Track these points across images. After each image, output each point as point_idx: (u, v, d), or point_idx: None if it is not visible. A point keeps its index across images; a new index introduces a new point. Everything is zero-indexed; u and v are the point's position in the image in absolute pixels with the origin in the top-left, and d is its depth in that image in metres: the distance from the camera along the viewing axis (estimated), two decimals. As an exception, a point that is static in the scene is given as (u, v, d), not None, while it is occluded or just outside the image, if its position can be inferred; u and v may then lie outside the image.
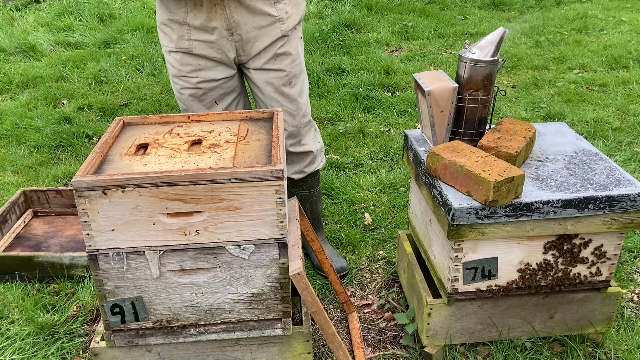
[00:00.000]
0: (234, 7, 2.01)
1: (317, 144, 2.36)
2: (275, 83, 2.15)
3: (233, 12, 2.02)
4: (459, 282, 1.82)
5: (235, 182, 1.53)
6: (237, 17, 2.03)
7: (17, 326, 2.14)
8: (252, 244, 1.62)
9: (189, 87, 2.14)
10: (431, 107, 1.87)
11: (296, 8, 2.15)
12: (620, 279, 2.36)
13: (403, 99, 4.05)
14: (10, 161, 3.35)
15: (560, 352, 1.98)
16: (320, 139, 2.39)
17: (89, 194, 1.51)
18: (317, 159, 2.36)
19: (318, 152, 2.36)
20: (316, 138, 2.37)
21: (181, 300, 1.69)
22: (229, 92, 2.19)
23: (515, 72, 4.63)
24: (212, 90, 2.15)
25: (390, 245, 2.61)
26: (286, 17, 2.11)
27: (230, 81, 2.18)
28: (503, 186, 1.63)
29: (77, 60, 4.83)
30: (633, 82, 4.29)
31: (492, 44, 1.84)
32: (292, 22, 2.13)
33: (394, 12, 6.08)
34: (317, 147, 2.36)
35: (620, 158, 3.22)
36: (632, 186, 1.74)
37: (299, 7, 2.18)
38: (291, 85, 2.18)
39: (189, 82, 2.14)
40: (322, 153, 2.41)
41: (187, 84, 2.14)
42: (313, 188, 2.42)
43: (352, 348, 2.05)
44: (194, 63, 2.11)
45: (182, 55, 2.11)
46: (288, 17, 2.11)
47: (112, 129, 1.83)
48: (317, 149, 2.35)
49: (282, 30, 2.10)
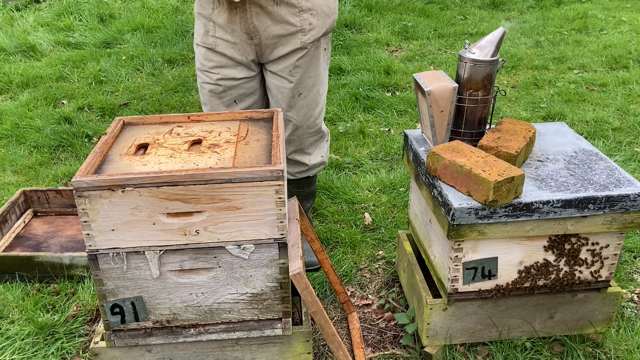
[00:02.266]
0: (256, 12, 1.98)
1: (319, 158, 2.34)
2: (286, 92, 2.13)
3: (254, 17, 1.99)
4: (459, 282, 1.82)
5: (235, 182, 1.53)
6: (257, 22, 2.00)
7: (17, 326, 2.14)
8: (252, 244, 1.62)
9: (209, 82, 2.16)
10: (431, 107, 1.87)
11: (322, 20, 2.08)
12: (620, 279, 2.36)
13: (403, 99, 4.05)
14: (10, 161, 3.35)
15: (560, 352, 1.98)
16: (324, 154, 2.36)
17: (89, 194, 1.51)
18: (312, 170, 2.36)
19: (315, 165, 2.35)
20: (320, 152, 2.34)
21: (181, 300, 1.69)
22: (249, 94, 2.19)
23: (515, 72, 4.63)
24: (231, 88, 2.14)
25: (390, 245, 2.61)
26: (309, 29, 2.05)
27: (251, 82, 2.17)
28: (503, 186, 1.63)
29: (77, 60, 4.83)
30: (633, 82, 4.29)
31: (492, 44, 1.84)
32: (315, 34, 2.08)
33: (394, 12, 6.08)
34: (317, 160, 2.33)
35: (620, 158, 3.22)
36: (632, 186, 1.74)
37: (326, 20, 2.10)
38: (302, 97, 2.15)
39: (210, 78, 2.15)
40: (321, 167, 2.39)
41: (208, 79, 2.16)
42: (302, 188, 2.41)
43: (352, 348, 2.05)
44: (216, 60, 2.11)
45: (206, 50, 2.11)
46: (311, 29, 2.06)
47: (112, 129, 1.83)
48: (316, 163, 2.33)
49: (302, 41, 2.06)
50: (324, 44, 2.17)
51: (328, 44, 2.21)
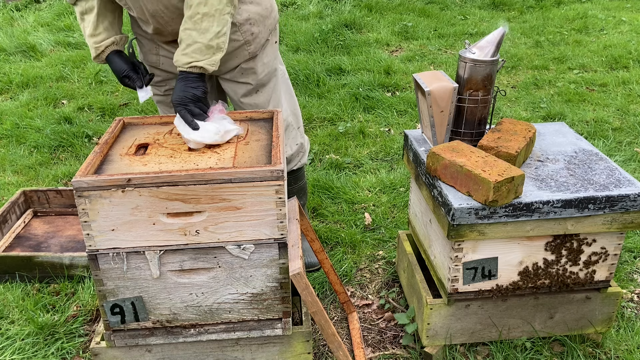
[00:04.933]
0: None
1: (294, 146, 2.31)
2: (241, 92, 2.11)
3: None
4: (459, 282, 1.82)
5: (235, 182, 1.53)
6: None
7: (17, 326, 2.14)
8: (252, 244, 1.62)
9: (158, 94, 2.18)
10: (431, 107, 1.87)
11: (262, 24, 2.04)
12: (620, 279, 2.36)
13: (403, 99, 4.05)
14: (10, 161, 3.35)
15: (560, 352, 1.98)
16: (300, 141, 2.32)
17: (89, 194, 1.51)
18: (293, 161, 2.34)
19: (294, 154, 2.32)
20: (294, 140, 2.30)
21: (181, 300, 1.69)
22: None
23: (515, 72, 4.63)
24: None
25: (390, 245, 2.61)
26: (252, 39, 2.01)
27: None
28: (503, 186, 1.63)
29: (77, 60, 4.83)
30: (633, 82, 4.29)
31: (492, 44, 1.84)
32: (260, 40, 2.05)
33: (394, 12, 6.08)
34: (293, 150, 2.30)
35: (620, 158, 3.22)
36: (632, 186, 1.74)
37: (266, 21, 2.06)
38: (258, 94, 2.12)
39: (159, 90, 2.17)
40: (301, 154, 2.36)
41: (157, 91, 2.18)
42: (290, 184, 2.38)
43: (352, 348, 2.05)
44: (163, 75, 2.12)
45: (150, 67, 2.11)
46: (255, 38, 2.02)
47: (112, 129, 1.83)
48: (293, 152, 2.30)
49: (249, 52, 2.03)
50: (273, 38, 2.14)
51: (276, 35, 2.17)
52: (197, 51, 1.76)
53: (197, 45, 1.75)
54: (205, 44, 1.76)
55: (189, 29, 1.76)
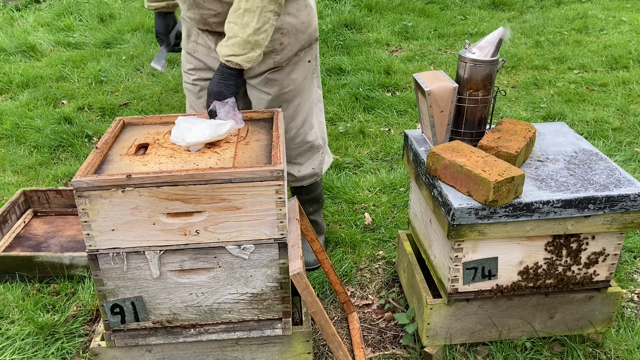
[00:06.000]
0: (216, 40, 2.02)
1: (310, 169, 2.30)
2: (264, 103, 2.12)
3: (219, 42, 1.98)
4: (459, 282, 1.82)
5: (235, 182, 1.53)
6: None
7: (17, 326, 2.14)
8: (252, 244, 1.62)
9: (187, 82, 2.23)
10: (431, 107, 1.87)
11: (294, 37, 2.04)
12: (620, 279, 2.36)
13: (403, 99, 4.05)
14: (10, 161, 3.35)
15: (560, 352, 1.98)
16: (316, 166, 2.32)
17: (89, 194, 1.51)
18: (303, 181, 2.33)
19: (305, 177, 2.32)
20: (312, 164, 2.30)
21: (181, 300, 1.69)
22: None
23: (515, 72, 4.63)
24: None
25: (390, 245, 2.61)
26: (280, 49, 2.02)
27: None
28: (503, 186, 1.63)
29: (77, 60, 4.83)
30: (633, 82, 4.29)
31: (492, 44, 1.84)
32: (288, 52, 2.05)
33: (394, 12, 6.07)
34: (307, 172, 2.30)
35: (620, 158, 3.22)
36: (632, 186, 1.74)
37: (300, 36, 2.06)
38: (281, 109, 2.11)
39: (188, 78, 2.22)
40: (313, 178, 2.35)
41: (187, 79, 2.22)
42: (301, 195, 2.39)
43: (352, 348, 2.05)
44: (194, 63, 2.17)
45: (186, 53, 2.18)
46: (283, 48, 2.03)
47: (112, 129, 1.83)
48: (306, 174, 2.31)
49: (275, 61, 2.04)
50: (307, 56, 2.14)
51: (313, 55, 2.17)
52: (236, 45, 1.78)
53: (237, 39, 1.78)
54: (244, 39, 1.77)
55: (231, 22, 1.79)
